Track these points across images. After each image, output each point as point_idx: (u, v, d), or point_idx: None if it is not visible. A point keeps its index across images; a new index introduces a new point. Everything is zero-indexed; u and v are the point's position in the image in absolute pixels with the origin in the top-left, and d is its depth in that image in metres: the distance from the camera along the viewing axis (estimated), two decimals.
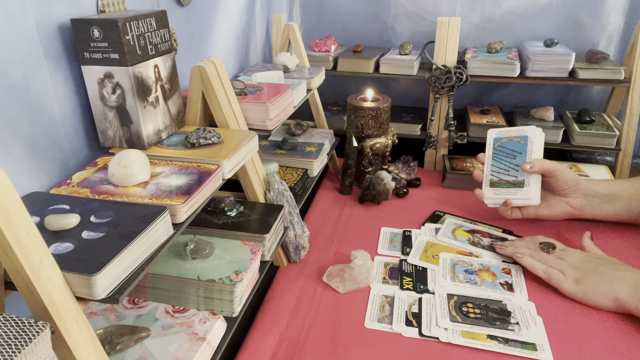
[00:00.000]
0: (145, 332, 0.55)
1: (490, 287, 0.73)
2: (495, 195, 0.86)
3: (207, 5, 0.94)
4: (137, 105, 0.61)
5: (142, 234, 0.46)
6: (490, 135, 0.90)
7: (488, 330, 0.65)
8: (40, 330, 0.35)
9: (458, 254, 0.81)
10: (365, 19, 1.33)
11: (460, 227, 0.89)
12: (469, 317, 0.67)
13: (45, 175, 0.58)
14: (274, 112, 0.77)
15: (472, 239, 0.85)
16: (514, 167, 0.85)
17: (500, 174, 0.86)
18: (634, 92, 1.05)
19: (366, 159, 1.04)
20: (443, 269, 0.77)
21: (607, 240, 0.84)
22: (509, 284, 0.74)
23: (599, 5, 1.16)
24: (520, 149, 0.85)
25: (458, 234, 0.86)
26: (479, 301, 0.70)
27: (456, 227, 0.89)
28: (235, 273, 0.61)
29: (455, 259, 0.80)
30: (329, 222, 0.95)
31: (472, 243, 0.84)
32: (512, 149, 0.86)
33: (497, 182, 0.86)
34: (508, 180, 0.85)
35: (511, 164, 0.85)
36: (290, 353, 0.63)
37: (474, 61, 1.10)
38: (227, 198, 0.77)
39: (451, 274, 0.76)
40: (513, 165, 0.85)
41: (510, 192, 0.84)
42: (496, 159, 0.88)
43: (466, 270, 0.77)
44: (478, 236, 0.86)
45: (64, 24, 0.58)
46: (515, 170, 0.84)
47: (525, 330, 0.65)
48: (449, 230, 0.87)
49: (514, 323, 0.66)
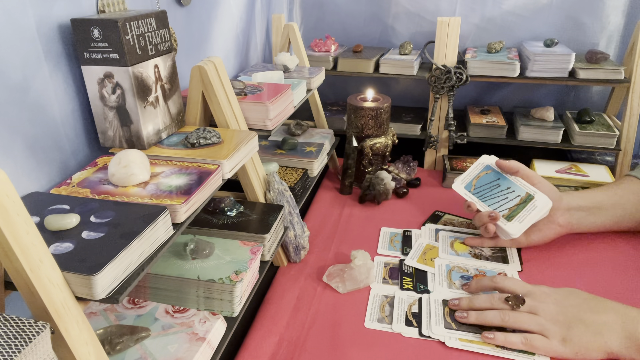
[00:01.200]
0: (145, 332, 0.55)
1: (486, 292, 0.73)
2: (522, 223, 0.78)
3: (207, 5, 0.94)
4: (137, 105, 0.61)
5: (142, 234, 0.46)
6: (459, 189, 0.86)
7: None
8: (40, 330, 0.35)
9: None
10: (365, 19, 1.33)
11: (456, 239, 0.87)
12: (464, 324, 0.66)
13: (45, 175, 0.58)
14: (274, 112, 0.77)
15: (472, 250, 0.83)
16: (508, 192, 0.81)
17: (505, 205, 0.81)
18: (634, 92, 1.05)
19: (366, 159, 1.04)
20: (439, 275, 0.77)
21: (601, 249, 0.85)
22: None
23: (599, 5, 1.16)
24: (493, 176, 0.84)
25: (457, 248, 0.84)
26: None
27: (453, 241, 0.86)
28: (235, 273, 0.61)
29: (450, 264, 0.79)
30: (329, 222, 0.95)
31: (474, 256, 0.82)
32: (488, 182, 0.84)
33: (510, 213, 0.80)
34: (517, 203, 0.80)
35: (502, 191, 0.82)
36: (290, 353, 0.63)
37: (474, 61, 1.10)
38: (227, 198, 0.77)
39: (447, 280, 0.76)
40: (505, 191, 0.82)
41: (530, 209, 0.78)
42: (486, 199, 0.83)
43: (462, 276, 0.76)
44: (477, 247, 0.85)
45: (64, 24, 0.58)
46: (511, 192, 0.81)
47: None
48: (447, 245, 0.85)
49: (510, 331, 0.65)
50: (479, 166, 0.87)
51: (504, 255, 0.82)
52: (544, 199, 0.79)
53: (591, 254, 0.82)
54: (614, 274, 0.77)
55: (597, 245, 0.84)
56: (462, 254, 0.82)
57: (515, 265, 0.79)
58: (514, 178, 0.83)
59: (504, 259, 0.81)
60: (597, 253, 0.82)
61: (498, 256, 0.82)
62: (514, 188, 0.82)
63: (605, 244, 0.84)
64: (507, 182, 0.83)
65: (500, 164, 0.84)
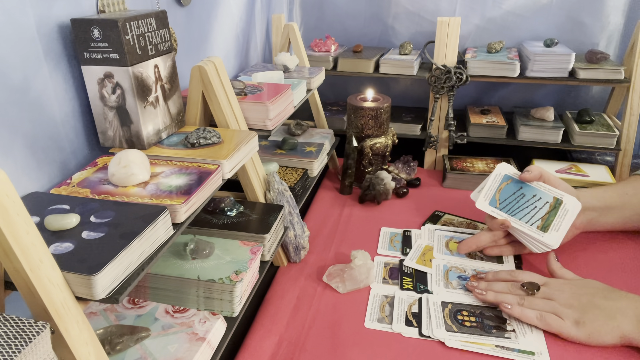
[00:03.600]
0: (145, 332, 0.55)
1: None
2: (559, 231, 0.75)
3: (207, 5, 0.94)
4: (137, 105, 0.61)
5: (142, 234, 0.46)
6: (484, 207, 0.79)
7: (485, 339, 0.64)
8: (40, 330, 0.35)
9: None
10: (365, 19, 1.33)
11: (451, 239, 0.87)
12: (465, 326, 0.66)
13: (45, 175, 0.58)
14: (274, 112, 0.77)
15: None
16: (535, 201, 0.78)
17: (536, 215, 0.77)
18: (634, 92, 1.05)
19: (366, 159, 1.04)
20: (436, 276, 0.77)
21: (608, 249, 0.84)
22: None
23: (599, 5, 1.16)
24: (515, 186, 0.80)
25: (453, 248, 0.84)
26: (474, 309, 0.69)
27: (448, 240, 0.86)
28: (235, 273, 0.61)
29: (448, 265, 0.79)
30: (329, 222, 0.95)
31: (469, 256, 0.82)
32: (512, 194, 0.80)
33: (544, 222, 0.76)
34: (548, 211, 0.77)
35: (528, 201, 0.78)
36: (290, 353, 0.63)
37: (474, 61, 1.10)
38: (227, 198, 0.77)
39: (444, 280, 0.76)
40: (532, 200, 0.78)
41: (562, 215, 0.76)
42: (516, 213, 0.78)
43: (459, 276, 0.76)
44: None
45: (63, 24, 0.58)
46: (538, 200, 0.78)
47: (522, 337, 0.64)
48: (443, 245, 0.85)
49: (510, 331, 0.65)
50: (497, 177, 0.82)
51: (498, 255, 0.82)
52: (572, 201, 0.77)
53: (592, 255, 0.82)
54: (615, 274, 0.77)
55: (599, 246, 0.84)
56: (457, 254, 0.83)
57: (509, 265, 0.80)
58: (536, 184, 0.80)
59: (499, 259, 0.81)
60: (599, 253, 0.82)
61: (493, 256, 0.82)
62: (540, 195, 0.78)
63: (607, 244, 0.85)
64: (531, 190, 0.79)
65: (524, 178, 0.80)
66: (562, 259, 0.79)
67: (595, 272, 0.77)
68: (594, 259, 0.81)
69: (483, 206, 0.80)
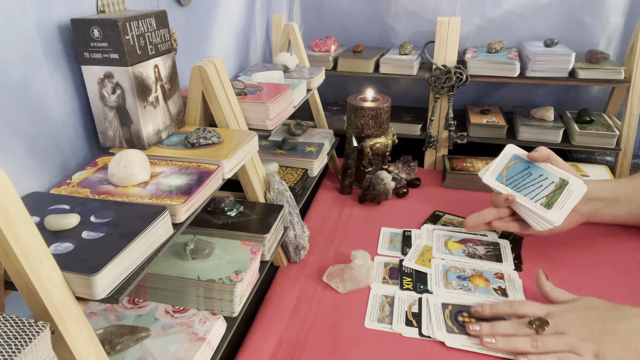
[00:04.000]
0: (145, 332, 0.55)
1: (483, 293, 0.72)
2: (563, 209, 0.75)
3: (207, 5, 0.94)
4: (137, 105, 0.61)
5: (142, 234, 0.46)
6: (490, 182, 0.81)
7: None
8: (40, 330, 0.35)
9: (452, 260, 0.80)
10: (365, 19, 1.33)
11: (450, 238, 0.86)
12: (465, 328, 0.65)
13: (45, 175, 0.58)
14: (274, 112, 0.77)
15: (466, 249, 0.83)
16: (541, 180, 0.79)
17: (542, 192, 0.77)
18: (634, 92, 1.05)
19: (366, 159, 1.04)
20: (435, 276, 0.77)
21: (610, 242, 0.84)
22: (503, 289, 0.73)
23: (599, 5, 1.16)
24: (523, 165, 0.81)
25: (452, 247, 0.84)
26: None
27: (447, 239, 0.86)
28: (235, 273, 0.61)
29: (447, 265, 0.79)
30: (329, 222, 0.95)
31: (468, 255, 0.82)
32: (518, 172, 0.81)
33: (549, 200, 0.77)
34: (554, 190, 0.77)
35: (535, 180, 0.79)
36: (290, 353, 0.63)
37: (474, 61, 1.10)
38: (227, 198, 0.77)
39: (444, 280, 0.76)
40: (538, 179, 0.79)
41: (567, 194, 0.76)
42: (521, 189, 0.79)
43: (459, 276, 0.76)
44: (471, 245, 0.85)
45: (63, 24, 0.58)
46: (545, 179, 0.79)
47: None
48: (442, 244, 0.85)
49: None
50: (506, 156, 0.83)
51: (497, 254, 0.82)
52: (578, 182, 0.77)
53: (592, 253, 0.82)
54: (615, 273, 0.77)
55: (599, 244, 0.84)
56: (456, 253, 0.82)
57: (509, 264, 0.79)
58: (544, 165, 0.81)
59: (498, 258, 0.81)
60: (598, 251, 0.82)
61: (492, 255, 0.82)
62: (546, 175, 0.79)
63: (607, 241, 0.85)
64: (538, 170, 0.80)
65: (532, 157, 0.81)
66: (563, 255, 0.79)
67: (595, 272, 0.77)
68: (584, 255, 0.81)
69: (489, 181, 0.81)
